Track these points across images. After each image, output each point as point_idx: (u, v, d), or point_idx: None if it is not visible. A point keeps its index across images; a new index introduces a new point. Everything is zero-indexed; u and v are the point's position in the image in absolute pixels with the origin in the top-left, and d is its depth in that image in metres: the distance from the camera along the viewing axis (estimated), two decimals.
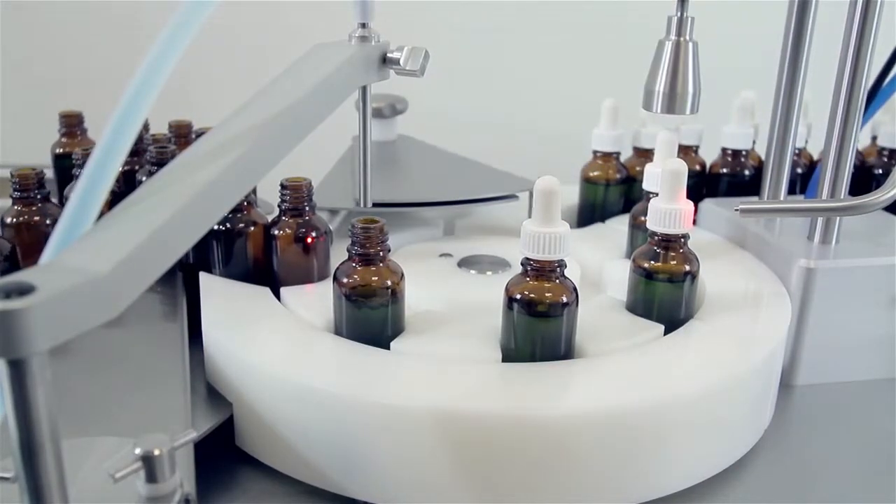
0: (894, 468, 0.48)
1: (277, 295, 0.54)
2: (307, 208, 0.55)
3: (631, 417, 0.42)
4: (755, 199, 0.68)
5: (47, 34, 1.06)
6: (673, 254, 0.50)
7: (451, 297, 0.54)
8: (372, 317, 0.48)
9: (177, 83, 0.36)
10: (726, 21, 0.93)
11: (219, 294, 0.53)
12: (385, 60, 0.47)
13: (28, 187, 0.57)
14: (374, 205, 0.53)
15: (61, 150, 0.71)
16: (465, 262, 0.59)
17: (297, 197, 0.54)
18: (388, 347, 0.47)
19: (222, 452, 0.47)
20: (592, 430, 0.42)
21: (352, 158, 0.70)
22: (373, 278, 0.47)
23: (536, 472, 0.42)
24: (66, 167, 0.64)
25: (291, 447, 0.45)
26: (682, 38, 0.47)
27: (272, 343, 0.48)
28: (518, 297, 0.45)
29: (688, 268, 0.50)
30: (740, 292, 0.55)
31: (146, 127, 0.71)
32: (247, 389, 0.46)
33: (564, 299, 0.45)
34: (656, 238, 0.50)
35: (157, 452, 0.33)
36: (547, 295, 0.45)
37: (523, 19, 1.11)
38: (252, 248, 0.56)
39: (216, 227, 0.55)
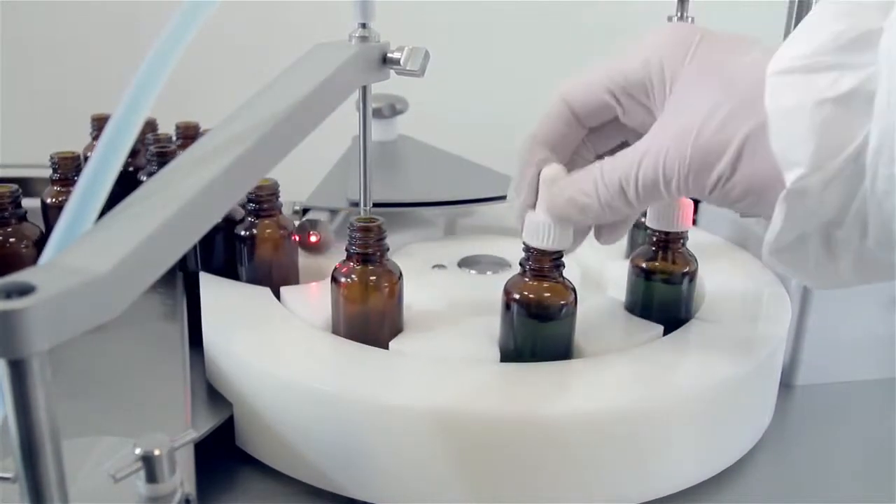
0: (894, 468, 0.48)
1: (277, 295, 0.54)
2: (378, 253, 0.47)
3: (631, 417, 0.42)
4: None
5: (47, 34, 1.06)
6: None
7: (451, 297, 0.54)
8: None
9: (176, 83, 0.36)
10: (726, 21, 0.93)
11: (219, 294, 0.53)
12: (385, 60, 0.47)
13: (2, 207, 0.54)
14: (375, 205, 0.53)
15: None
16: (465, 262, 0.59)
17: (367, 240, 0.47)
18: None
19: (222, 452, 0.47)
20: (592, 430, 0.42)
21: (352, 158, 0.70)
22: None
23: (536, 472, 0.42)
24: None
25: (291, 447, 0.45)
26: None
27: (272, 343, 0.48)
28: (644, 266, 0.50)
29: (686, 269, 0.50)
30: (740, 292, 0.55)
31: (154, 128, 0.70)
32: (247, 389, 0.46)
33: (686, 269, 0.50)
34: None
35: (157, 452, 0.33)
36: (673, 266, 0.50)
37: (523, 19, 1.10)
38: (271, 254, 0.55)
39: (243, 233, 0.54)
